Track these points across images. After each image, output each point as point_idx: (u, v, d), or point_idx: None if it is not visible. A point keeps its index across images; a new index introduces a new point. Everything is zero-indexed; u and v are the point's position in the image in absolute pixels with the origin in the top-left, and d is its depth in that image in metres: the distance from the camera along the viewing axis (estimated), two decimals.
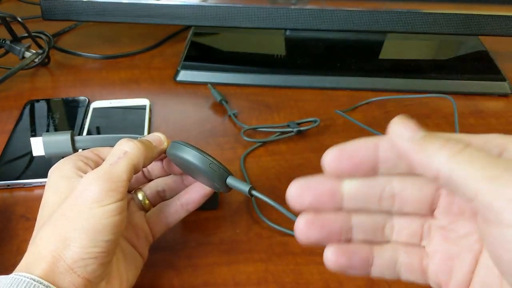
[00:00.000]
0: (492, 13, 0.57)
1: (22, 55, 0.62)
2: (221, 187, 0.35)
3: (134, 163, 0.32)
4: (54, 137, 0.37)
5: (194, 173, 0.36)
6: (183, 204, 0.37)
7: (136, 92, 0.60)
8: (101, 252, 0.29)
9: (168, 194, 0.39)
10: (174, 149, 0.34)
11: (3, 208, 0.44)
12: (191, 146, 0.34)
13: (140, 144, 0.33)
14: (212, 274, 0.38)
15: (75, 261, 0.29)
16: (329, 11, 0.58)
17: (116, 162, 0.31)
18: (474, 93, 0.60)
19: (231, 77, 0.61)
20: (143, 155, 0.32)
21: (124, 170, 0.31)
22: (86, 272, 0.29)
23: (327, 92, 0.60)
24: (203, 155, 0.34)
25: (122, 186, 0.30)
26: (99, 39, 0.71)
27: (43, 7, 0.59)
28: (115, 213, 0.30)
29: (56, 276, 0.28)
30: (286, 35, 0.69)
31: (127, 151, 0.32)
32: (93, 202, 0.29)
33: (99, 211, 0.29)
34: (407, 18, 0.58)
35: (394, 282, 0.38)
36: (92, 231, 0.29)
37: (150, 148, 0.34)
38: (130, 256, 0.35)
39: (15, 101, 0.58)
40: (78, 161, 0.33)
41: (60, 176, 0.32)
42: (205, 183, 0.37)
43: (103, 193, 0.29)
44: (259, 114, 0.56)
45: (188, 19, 0.59)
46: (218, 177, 0.34)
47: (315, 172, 0.51)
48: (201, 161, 0.33)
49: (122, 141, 0.33)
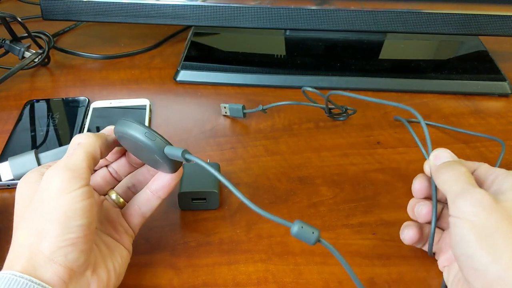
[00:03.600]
0: (492, 13, 0.57)
1: (22, 55, 0.62)
2: (164, 162, 0.34)
3: (89, 151, 0.33)
4: (20, 159, 0.39)
5: (139, 152, 0.36)
6: (153, 192, 0.38)
7: (136, 92, 0.60)
8: (77, 238, 0.30)
9: (139, 188, 0.39)
10: (117, 126, 0.34)
11: (3, 208, 0.44)
12: (132, 120, 0.34)
13: (92, 134, 0.34)
14: (212, 274, 0.38)
15: (53, 251, 0.29)
16: (329, 11, 0.58)
17: (72, 154, 0.32)
18: (474, 93, 0.60)
19: (231, 77, 0.61)
20: (97, 143, 0.34)
21: (81, 158, 0.32)
22: (67, 261, 0.29)
23: (327, 92, 0.60)
24: (140, 125, 0.33)
25: (83, 173, 0.31)
26: (99, 39, 0.71)
27: (43, 7, 0.59)
28: (82, 197, 0.30)
29: (36, 270, 0.29)
30: (286, 35, 0.69)
31: (80, 142, 0.33)
32: (58, 192, 0.30)
33: (66, 198, 0.30)
34: (407, 18, 0.58)
35: (394, 281, 0.38)
36: (63, 219, 0.29)
37: (102, 136, 0.35)
38: (114, 247, 0.35)
39: (15, 101, 0.58)
40: (42, 168, 0.34)
41: (25, 183, 0.33)
42: (150, 162, 0.36)
43: (65, 182, 0.30)
44: (259, 114, 0.56)
45: (188, 19, 0.59)
46: (156, 147, 0.33)
47: (315, 172, 0.52)
48: (137, 130, 0.33)
49: (76, 136, 0.34)
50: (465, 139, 0.53)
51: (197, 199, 0.43)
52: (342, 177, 0.48)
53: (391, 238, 0.41)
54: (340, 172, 0.48)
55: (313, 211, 0.44)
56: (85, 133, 0.35)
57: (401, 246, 0.40)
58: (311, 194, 0.46)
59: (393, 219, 0.43)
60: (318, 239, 0.30)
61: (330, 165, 0.49)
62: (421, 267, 0.39)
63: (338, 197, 0.45)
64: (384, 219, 0.43)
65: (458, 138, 0.53)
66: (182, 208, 0.44)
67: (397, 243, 0.40)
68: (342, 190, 0.46)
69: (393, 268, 0.39)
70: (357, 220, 0.43)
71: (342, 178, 0.47)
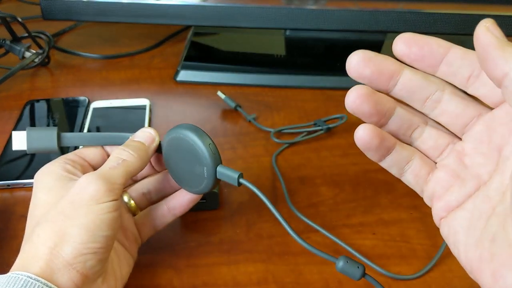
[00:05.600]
0: (492, 13, 0.57)
1: (22, 55, 0.62)
2: (207, 178, 0.34)
3: (130, 170, 0.33)
4: (39, 132, 0.35)
5: (180, 162, 0.35)
6: (170, 209, 0.38)
7: (136, 92, 0.60)
8: (100, 248, 0.30)
9: (154, 195, 0.39)
10: (176, 128, 0.34)
11: (3, 208, 0.44)
12: (199, 128, 0.34)
13: (137, 154, 0.34)
14: (212, 274, 0.38)
15: (75, 256, 0.29)
16: (329, 11, 0.58)
17: (114, 167, 0.33)
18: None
19: (231, 77, 0.61)
20: (139, 164, 0.34)
21: (121, 174, 0.32)
22: (85, 268, 0.29)
23: (327, 92, 0.60)
24: (206, 135, 0.33)
25: (117, 189, 0.32)
26: (99, 39, 0.71)
27: (43, 7, 0.59)
28: (112, 209, 0.31)
29: (54, 273, 0.28)
30: (286, 35, 0.69)
31: (125, 159, 0.33)
32: (91, 199, 0.30)
33: (97, 207, 0.30)
34: (407, 18, 0.58)
35: (393, 281, 0.38)
36: (91, 227, 0.30)
37: (145, 153, 0.35)
38: (122, 255, 0.35)
39: (15, 101, 0.58)
40: (66, 164, 0.34)
41: (52, 178, 0.33)
42: (184, 175, 0.36)
43: (101, 192, 0.30)
44: (259, 114, 0.56)
45: (188, 19, 0.59)
46: (212, 162, 0.33)
47: (315, 172, 0.51)
48: (203, 138, 0.33)
49: (121, 149, 0.34)
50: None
51: None
52: (342, 177, 0.48)
53: (391, 238, 0.41)
54: (340, 172, 0.48)
55: (313, 211, 0.44)
56: (135, 146, 0.34)
57: (401, 246, 0.40)
58: (311, 194, 0.46)
59: (393, 219, 0.43)
60: (363, 274, 0.30)
61: (330, 165, 0.49)
62: (420, 267, 0.39)
63: (338, 197, 0.45)
64: (384, 219, 0.43)
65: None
66: None
67: (397, 243, 0.40)
68: (342, 190, 0.46)
69: (393, 268, 0.39)
70: (357, 220, 0.43)
71: (342, 178, 0.47)
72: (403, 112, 0.27)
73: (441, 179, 0.27)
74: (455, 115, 0.26)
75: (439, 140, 0.27)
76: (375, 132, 0.26)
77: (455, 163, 0.26)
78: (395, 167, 0.28)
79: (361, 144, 0.26)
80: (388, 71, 0.26)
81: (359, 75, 0.26)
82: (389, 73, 0.26)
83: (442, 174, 0.27)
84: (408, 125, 0.27)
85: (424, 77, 0.26)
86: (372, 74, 0.26)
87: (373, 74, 0.26)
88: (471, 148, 0.26)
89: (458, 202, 0.26)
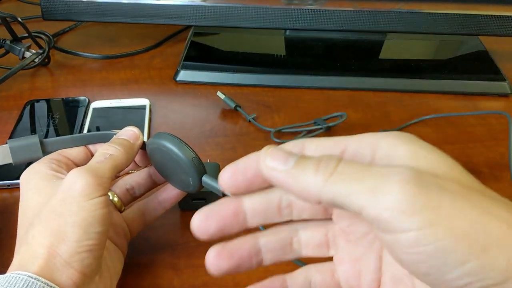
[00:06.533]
0: (492, 13, 0.57)
1: (22, 55, 0.62)
2: (193, 185, 0.34)
3: (117, 164, 0.33)
4: (22, 142, 0.35)
5: (166, 168, 0.36)
6: (160, 202, 0.38)
7: (136, 92, 0.60)
8: (95, 245, 0.30)
9: (137, 190, 0.39)
10: (159, 138, 0.34)
11: (3, 208, 0.44)
12: (180, 139, 0.34)
13: (123, 149, 0.34)
14: None
15: (72, 255, 0.29)
16: (329, 11, 0.58)
17: (101, 162, 0.33)
18: (474, 93, 0.60)
19: (231, 77, 0.61)
20: (126, 158, 0.34)
21: (108, 168, 0.32)
22: (82, 266, 0.29)
23: (327, 92, 0.60)
24: (188, 148, 0.33)
25: (105, 183, 0.32)
26: (99, 39, 0.71)
27: (43, 7, 0.60)
28: (103, 205, 0.31)
29: (53, 272, 0.28)
30: (286, 35, 0.69)
31: (112, 154, 0.33)
32: (81, 195, 0.30)
33: (88, 204, 0.30)
34: (407, 18, 0.58)
35: None
36: (84, 224, 0.30)
37: (131, 149, 0.35)
38: (114, 251, 0.35)
39: (15, 101, 0.58)
40: (51, 163, 0.34)
41: (39, 178, 0.33)
42: (176, 181, 0.36)
43: (90, 187, 0.30)
44: (259, 114, 0.56)
45: (188, 19, 0.59)
46: (197, 174, 0.33)
47: None
48: (185, 153, 0.33)
49: (107, 145, 0.34)
50: (465, 138, 0.53)
51: (197, 199, 0.43)
52: None
53: None
54: None
55: None
56: (120, 142, 0.34)
57: None
58: None
59: None
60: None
61: None
62: None
63: None
64: None
65: (458, 138, 0.53)
66: (182, 208, 0.44)
67: None
68: None
69: None
70: None
71: None
72: (269, 237, 0.26)
73: (347, 271, 0.26)
74: (310, 206, 0.25)
75: (317, 235, 0.26)
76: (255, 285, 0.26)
77: (347, 247, 0.25)
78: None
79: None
80: (230, 214, 0.25)
81: (207, 234, 0.25)
82: (232, 215, 0.25)
83: (345, 267, 0.26)
84: (282, 245, 0.26)
85: (262, 195, 0.25)
86: (217, 227, 0.25)
87: (218, 227, 0.25)
88: (347, 225, 0.25)
89: (376, 281, 0.25)
